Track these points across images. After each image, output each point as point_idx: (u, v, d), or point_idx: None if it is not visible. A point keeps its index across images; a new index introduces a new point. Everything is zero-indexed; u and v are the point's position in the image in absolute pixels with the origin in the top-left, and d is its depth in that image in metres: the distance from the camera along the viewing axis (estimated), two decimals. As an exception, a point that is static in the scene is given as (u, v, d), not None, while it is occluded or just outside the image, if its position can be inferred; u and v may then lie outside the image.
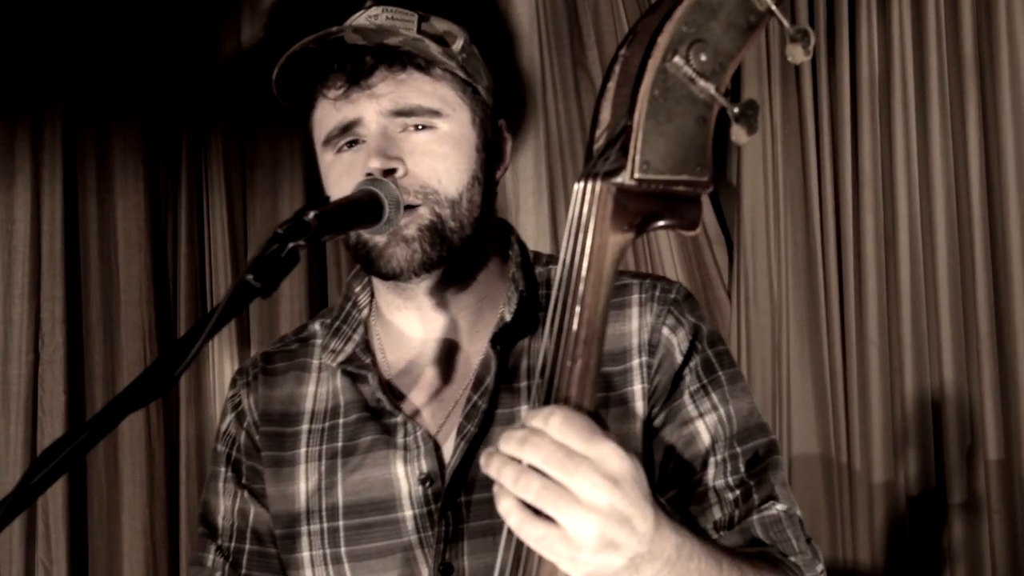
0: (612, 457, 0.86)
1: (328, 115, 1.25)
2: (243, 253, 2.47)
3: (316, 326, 1.38)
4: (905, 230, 2.41)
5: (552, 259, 1.36)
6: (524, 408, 1.24)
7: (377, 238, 1.21)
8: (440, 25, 1.28)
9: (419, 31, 1.25)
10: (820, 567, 1.20)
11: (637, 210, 0.88)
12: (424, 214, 1.22)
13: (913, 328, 2.41)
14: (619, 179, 0.86)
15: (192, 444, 2.37)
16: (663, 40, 0.87)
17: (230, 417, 1.36)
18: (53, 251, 2.32)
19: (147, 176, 2.41)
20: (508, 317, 1.28)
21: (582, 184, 0.89)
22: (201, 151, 2.45)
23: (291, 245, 1.01)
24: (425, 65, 1.24)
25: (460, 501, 1.22)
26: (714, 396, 1.25)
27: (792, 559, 1.18)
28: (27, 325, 2.30)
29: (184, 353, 0.93)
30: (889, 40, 2.43)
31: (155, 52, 2.43)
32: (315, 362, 1.34)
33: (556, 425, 0.85)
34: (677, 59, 0.87)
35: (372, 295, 1.36)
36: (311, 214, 1.05)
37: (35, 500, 0.86)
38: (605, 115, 0.90)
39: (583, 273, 0.88)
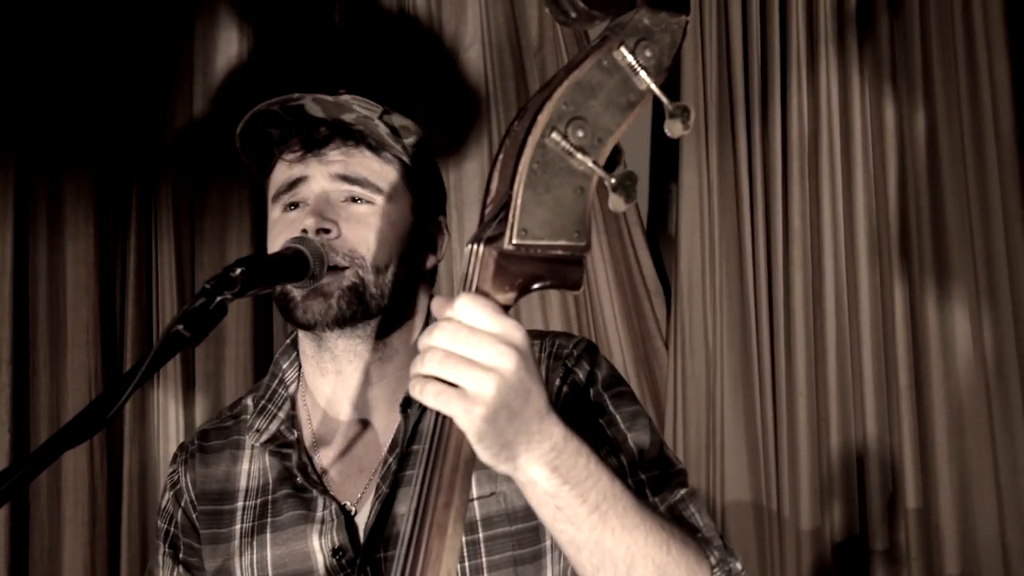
0: (515, 330, 0.93)
1: (281, 173, 1.36)
2: (190, 298, 2.50)
3: (248, 401, 1.45)
4: (831, 285, 2.51)
5: None
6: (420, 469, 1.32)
7: (297, 291, 1.29)
8: (399, 120, 1.38)
9: (379, 119, 1.35)
10: (718, 550, 1.21)
11: (518, 272, 0.96)
12: (348, 276, 1.30)
13: (839, 380, 2.50)
14: (500, 244, 0.95)
15: (135, 484, 2.40)
16: (542, 118, 0.96)
17: (169, 495, 1.42)
18: (1, 293, 2.36)
19: (97, 221, 2.45)
20: None
21: (470, 247, 0.97)
22: (151, 198, 2.51)
23: (219, 298, 1.09)
24: (376, 146, 1.35)
25: (379, 557, 1.29)
26: (610, 432, 1.31)
27: (702, 534, 1.23)
28: (-26, 365, 2.34)
29: (118, 396, 1.00)
30: (817, 104, 2.55)
31: (108, 102, 2.50)
32: (248, 439, 1.40)
33: (460, 307, 0.92)
34: (555, 135, 0.96)
35: (299, 370, 1.43)
36: (238, 270, 1.13)
37: None
38: (494, 184, 0.99)
39: None
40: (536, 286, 0.96)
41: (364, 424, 1.37)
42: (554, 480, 0.98)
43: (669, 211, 2.88)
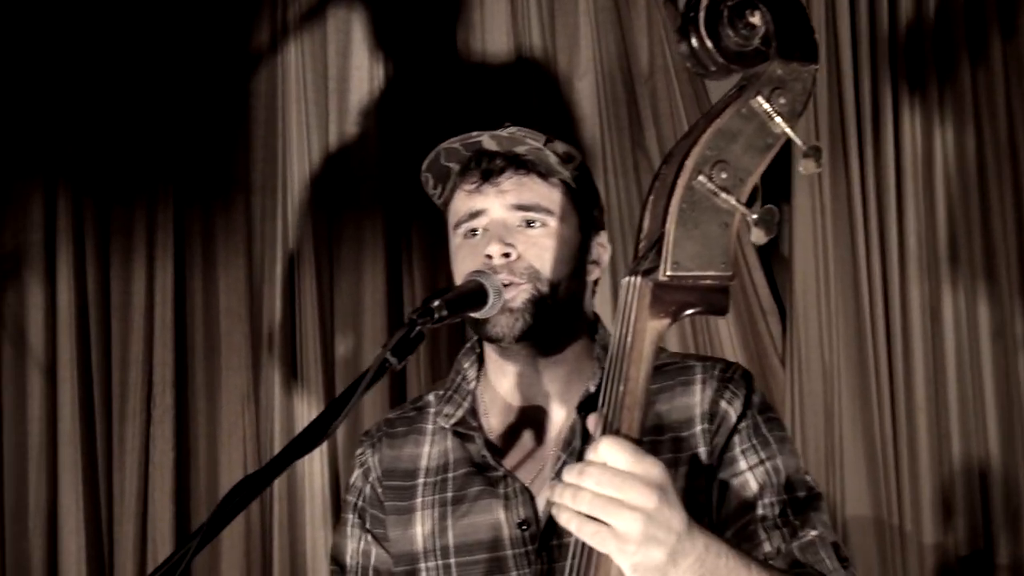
0: (654, 468, 1.06)
1: (462, 203, 1.53)
2: (330, 323, 2.64)
3: (430, 397, 1.63)
4: (949, 303, 2.54)
5: None
6: None
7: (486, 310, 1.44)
8: (561, 147, 1.54)
9: (545, 146, 1.51)
10: None
11: (672, 300, 1.07)
12: (529, 291, 1.46)
13: (959, 394, 2.52)
14: (655, 276, 1.06)
15: (284, 497, 2.54)
16: (689, 163, 1.07)
17: (357, 472, 1.62)
18: (164, 321, 2.54)
19: (247, 252, 2.62)
20: (592, 388, 1.50)
21: (627, 280, 1.09)
22: (293, 230, 2.64)
23: (418, 327, 1.26)
24: (545, 173, 1.51)
25: (553, 544, 1.44)
26: (762, 453, 1.45)
27: None
28: (140, 388, 2.52)
29: (336, 413, 1.20)
30: (930, 124, 2.58)
31: (251, 141, 2.67)
32: (429, 426, 1.59)
33: (604, 451, 1.05)
34: (701, 177, 1.07)
35: (479, 369, 1.61)
36: (436, 302, 1.30)
37: (222, 530, 1.09)
38: (646, 223, 1.11)
39: (627, 351, 1.08)
40: (688, 312, 1.08)
41: (536, 417, 1.54)
42: None
43: (782, 232, 2.92)
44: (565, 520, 1.06)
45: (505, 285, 1.44)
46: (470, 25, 2.72)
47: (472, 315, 1.43)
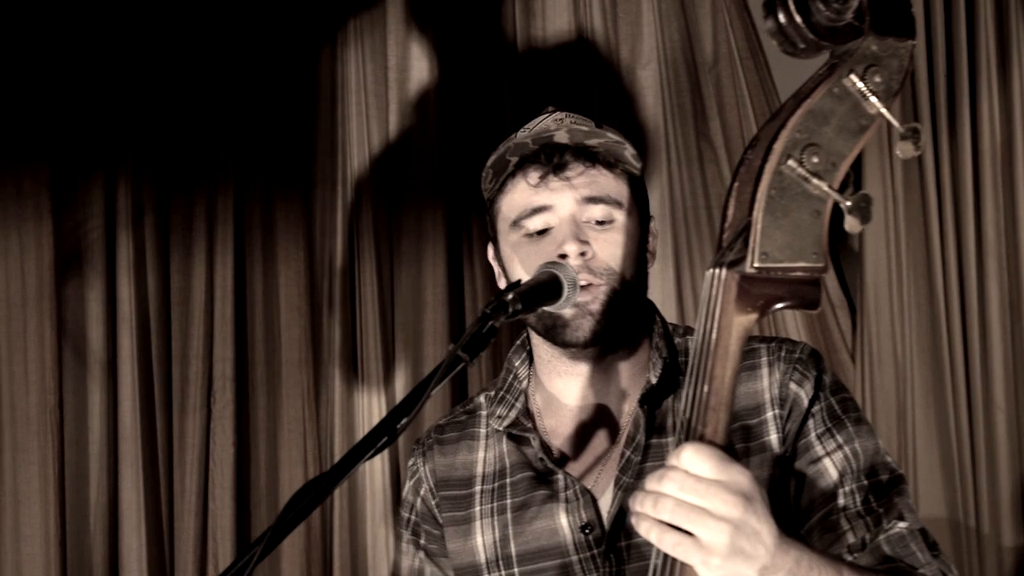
0: (741, 476, 0.99)
1: (523, 198, 1.45)
2: (390, 318, 2.61)
3: (481, 399, 1.58)
4: (1031, 297, 2.44)
5: (689, 330, 1.54)
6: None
7: (565, 311, 1.38)
8: (613, 135, 1.47)
9: (611, 135, 1.46)
10: None
11: (759, 294, 1.01)
12: (604, 291, 1.40)
13: (1041, 394, 2.43)
14: (741, 268, 1.00)
15: (344, 493, 2.52)
16: (778, 146, 1.01)
17: (409, 485, 1.57)
18: (224, 316, 2.52)
19: (307, 246, 2.59)
20: (654, 380, 1.44)
21: (712, 271, 1.02)
22: (353, 222, 2.62)
23: (491, 322, 1.20)
24: (612, 163, 1.44)
25: (620, 545, 1.38)
26: (839, 437, 1.37)
27: (920, 571, 1.28)
28: (201, 383, 2.50)
29: (404, 413, 1.14)
30: (1010, 109, 2.48)
31: (311, 131, 2.64)
32: (482, 430, 1.54)
33: (687, 458, 0.99)
34: (791, 162, 1.00)
35: (530, 368, 1.54)
36: (510, 295, 1.24)
37: (285, 537, 1.05)
38: (731, 211, 1.04)
39: (712, 348, 1.01)
40: (777, 306, 1.01)
41: (595, 413, 1.48)
42: None
43: (849, 223, 2.84)
44: (645, 530, 1.00)
45: (583, 286, 1.38)
46: (531, 13, 2.68)
47: (546, 309, 1.37)
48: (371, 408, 2.59)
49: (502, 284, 1.54)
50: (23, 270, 2.45)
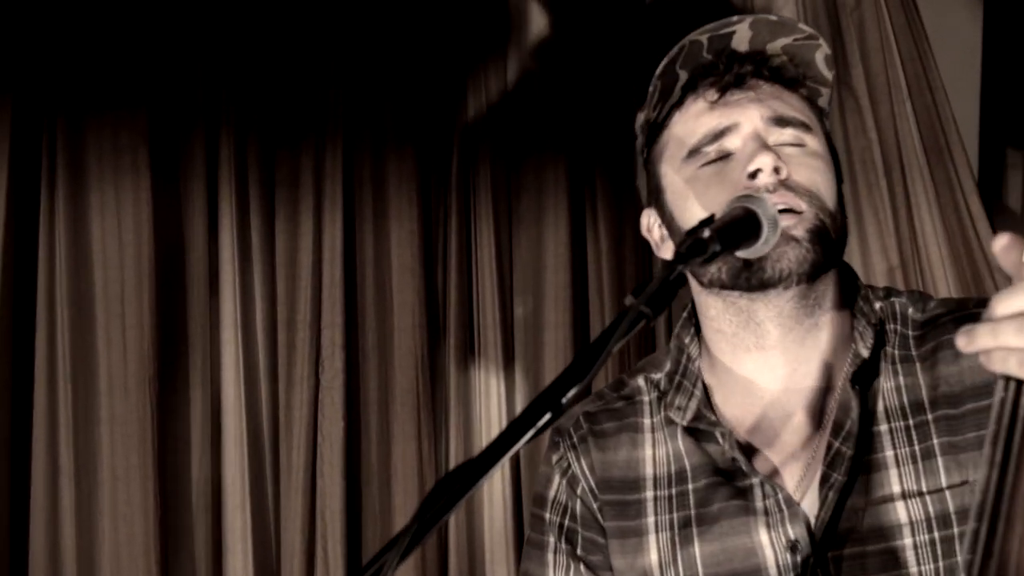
0: None
1: (700, 119, 1.23)
2: (509, 280, 2.49)
3: (639, 382, 1.34)
4: None
5: (890, 292, 1.29)
6: (889, 453, 1.17)
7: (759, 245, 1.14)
8: (805, 28, 1.27)
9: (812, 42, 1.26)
10: None
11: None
12: (810, 217, 1.17)
13: None
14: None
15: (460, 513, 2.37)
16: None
17: (559, 482, 1.32)
18: (333, 278, 2.39)
19: (420, 203, 2.47)
20: (865, 353, 1.21)
21: None
22: (469, 178, 2.50)
23: (680, 268, 0.96)
24: (794, 83, 1.25)
25: (830, 556, 1.15)
26: None
27: None
28: (309, 351, 2.36)
29: (578, 378, 0.88)
30: None
31: (425, 81, 2.52)
32: (646, 421, 1.30)
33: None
34: None
35: (700, 347, 1.31)
36: (706, 231, 1.01)
37: (434, 528, 0.84)
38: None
39: None
40: None
41: (792, 399, 1.24)
42: None
43: (1006, 180, 2.62)
44: (999, 362, 0.85)
45: (782, 211, 1.14)
46: (662, -43, 2.56)
47: (739, 254, 1.14)
48: (487, 378, 2.46)
49: (666, 253, 1.32)
50: (120, 228, 2.33)
